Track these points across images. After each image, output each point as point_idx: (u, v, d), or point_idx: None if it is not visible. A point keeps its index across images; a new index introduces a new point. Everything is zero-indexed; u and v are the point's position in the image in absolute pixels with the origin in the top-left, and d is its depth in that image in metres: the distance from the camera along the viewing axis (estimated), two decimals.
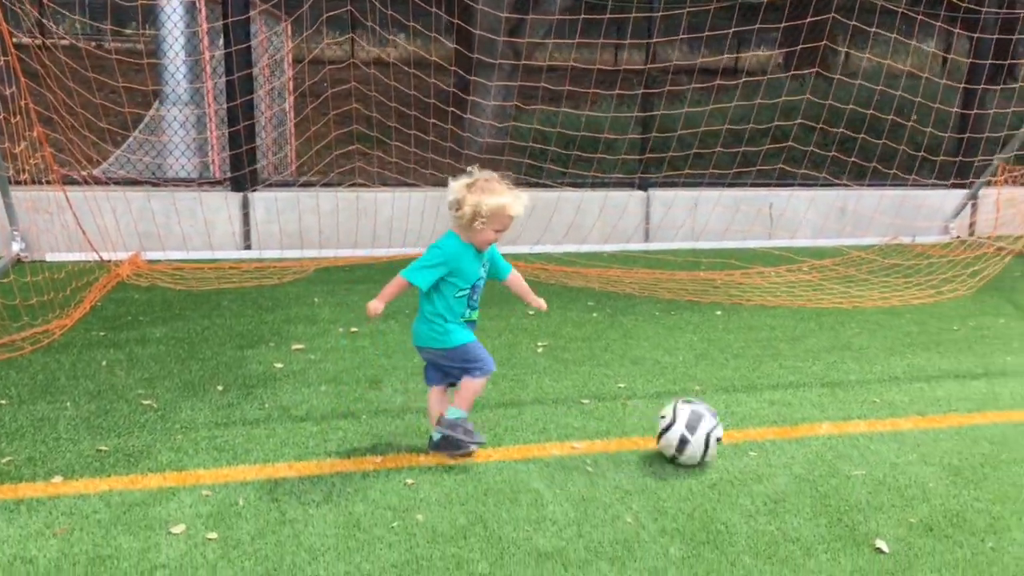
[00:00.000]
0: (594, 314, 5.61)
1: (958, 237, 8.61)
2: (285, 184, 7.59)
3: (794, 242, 8.20)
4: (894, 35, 8.33)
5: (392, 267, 6.63)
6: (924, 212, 8.63)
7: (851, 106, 8.28)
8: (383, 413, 3.89)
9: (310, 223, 7.32)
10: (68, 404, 3.86)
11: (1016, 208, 8.71)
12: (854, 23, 7.95)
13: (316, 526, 2.90)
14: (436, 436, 3.45)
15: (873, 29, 7.99)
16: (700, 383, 4.40)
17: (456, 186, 3.28)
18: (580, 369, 4.56)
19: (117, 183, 7.10)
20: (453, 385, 3.48)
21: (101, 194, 6.78)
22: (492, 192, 3.25)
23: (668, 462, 3.44)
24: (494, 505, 3.09)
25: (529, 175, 7.98)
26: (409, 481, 3.24)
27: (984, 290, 6.45)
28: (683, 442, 3.36)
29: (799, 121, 8.37)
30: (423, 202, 7.51)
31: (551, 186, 7.94)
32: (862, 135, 8.32)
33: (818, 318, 5.64)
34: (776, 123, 8.38)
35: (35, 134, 5.86)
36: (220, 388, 4.12)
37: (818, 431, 3.84)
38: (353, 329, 5.12)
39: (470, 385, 3.41)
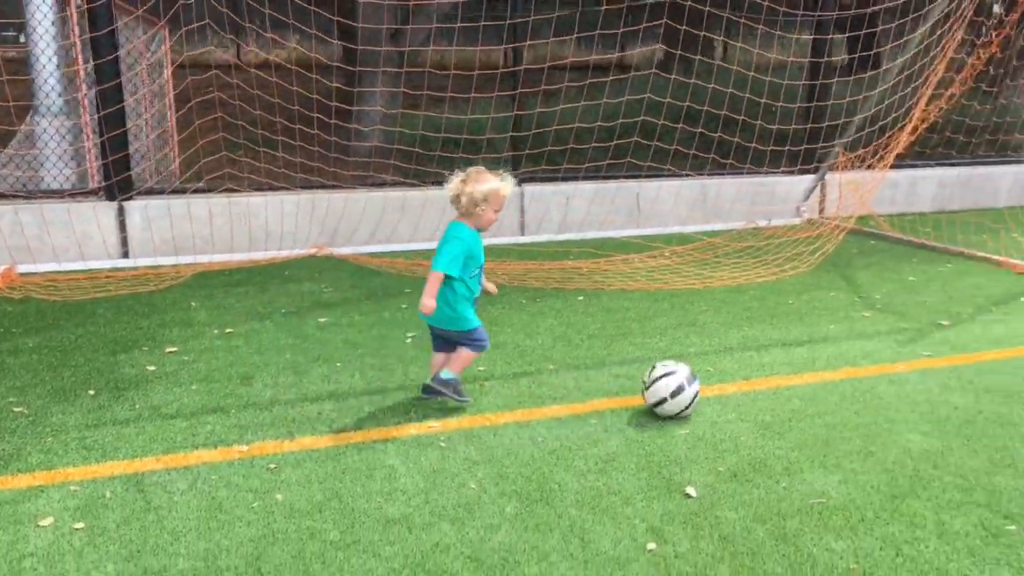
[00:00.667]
0: None
1: (808, 219, 9.30)
2: (160, 191, 7.64)
3: (662, 230, 8.73)
4: (761, 27, 8.93)
5: (270, 270, 6.90)
6: (778, 197, 9.30)
7: (706, 107, 8.85)
8: (252, 407, 4.11)
9: (187, 229, 7.41)
10: None
11: (857, 190, 9.47)
12: (727, 14, 8.49)
13: (179, 511, 3.13)
14: (431, 383, 4.08)
15: (743, 18, 8.56)
16: (555, 363, 4.78)
17: (452, 182, 3.87)
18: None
19: None
20: (453, 350, 4.08)
21: None
22: (483, 180, 3.83)
23: (651, 407, 3.94)
24: (350, 482, 3.37)
25: (419, 176, 8.25)
26: (272, 466, 3.49)
27: (822, 267, 7.06)
28: (680, 389, 3.88)
29: (660, 121, 8.89)
30: (296, 205, 7.69)
31: (421, 185, 8.23)
32: (718, 132, 8.91)
33: (671, 299, 6.11)
34: (644, 117, 8.88)
35: None
36: (91, 392, 4.26)
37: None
38: (228, 330, 5.30)
39: (467, 356, 4.07)
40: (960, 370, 4.67)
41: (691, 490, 3.31)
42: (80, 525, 3.02)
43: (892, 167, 9.79)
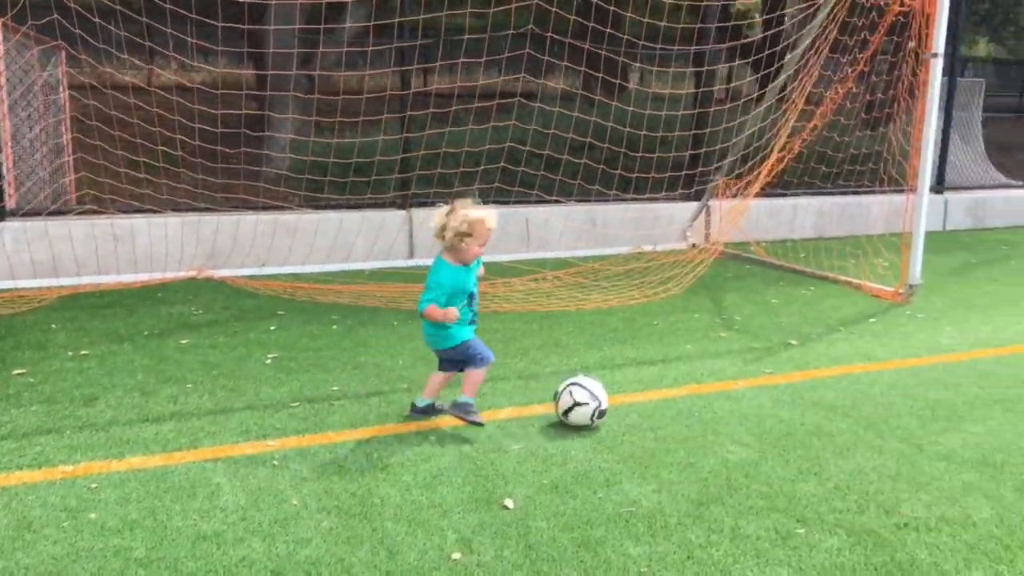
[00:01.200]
0: (334, 327, 5.97)
1: (693, 244, 9.61)
2: (35, 213, 7.49)
3: (549, 255, 8.91)
4: (647, 65, 9.24)
5: (144, 292, 6.82)
6: (663, 222, 9.59)
7: (589, 138, 9.10)
8: (88, 428, 4.07)
9: (66, 251, 7.28)
10: None
11: (734, 216, 9.84)
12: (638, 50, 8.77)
13: None
14: (420, 404, 4.24)
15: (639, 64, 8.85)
16: (410, 383, 4.84)
17: (438, 215, 3.86)
18: (302, 376, 4.90)
19: None
20: (461, 371, 4.15)
21: None
22: (467, 214, 3.80)
23: (561, 415, 4.14)
24: (170, 500, 3.37)
25: (326, 199, 8.27)
26: (93, 486, 3.46)
27: (695, 290, 7.32)
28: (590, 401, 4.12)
29: (545, 152, 9.10)
30: (180, 227, 7.63)
31: (314, 209, 8.26)
32: (601, 164, 9.16)
33: (541, 320, 6.26)
34: (529, 147, 9.08)
35: None
36: None
37: (499, 415, 4.36)
38: (83, 352, 5.23)
39: (473, 374, 4.09)
40: (796, 386, 4.90)
41: (509, 502, 3.42)
42: None
43: (776, 195, 10.24)
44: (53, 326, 5.80)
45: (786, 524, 3.29)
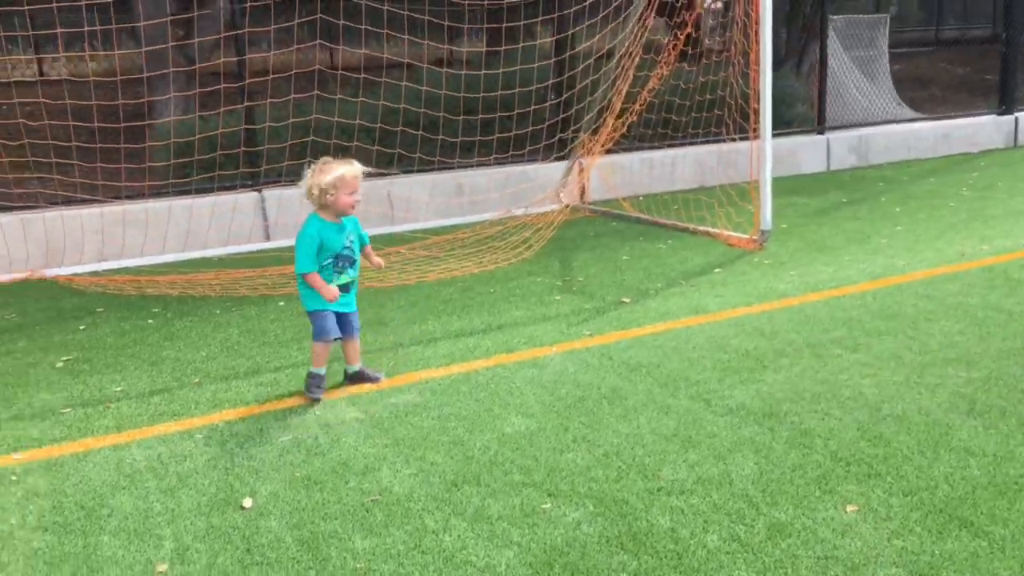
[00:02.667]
0: (150, 320, 5.67)
1: (568, 204, 9.43)
2: None
3: (415, 226, 8.65)
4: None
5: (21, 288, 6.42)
6: (537, 184, 9.38)
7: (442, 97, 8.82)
8: None
9: None
10: None
11: (611, 173, 9.68)
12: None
13: None
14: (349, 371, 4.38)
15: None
16: (203, 375, 4.59)
17: (304, 178, 4.01)
18: (89, 379, 4.62)
19: None
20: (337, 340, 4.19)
21: None
22: (330, 169, 3.96)
23: None
24: None
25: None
26: None
27: (549, 252, 7.14)
28: None
29: (395, 126, 8.80)
30: (20, 226, 7.21)
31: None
32: (460, 125, 8.91)
33: (373, 297, 6.02)
34: (381, 119, 8.78)
35: None
36: None
37: (288, 404, 4.14)
38: None
39: (314, 347, 4.14)
40: (609, 348, 4.75)
41: (248, 502, 3.21)
42: None
43: (654, 148, 10.09)
44: None
45: (534, 499, 3.13)
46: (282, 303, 5.98)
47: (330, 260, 4.11)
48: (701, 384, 4.16)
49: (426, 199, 8.93)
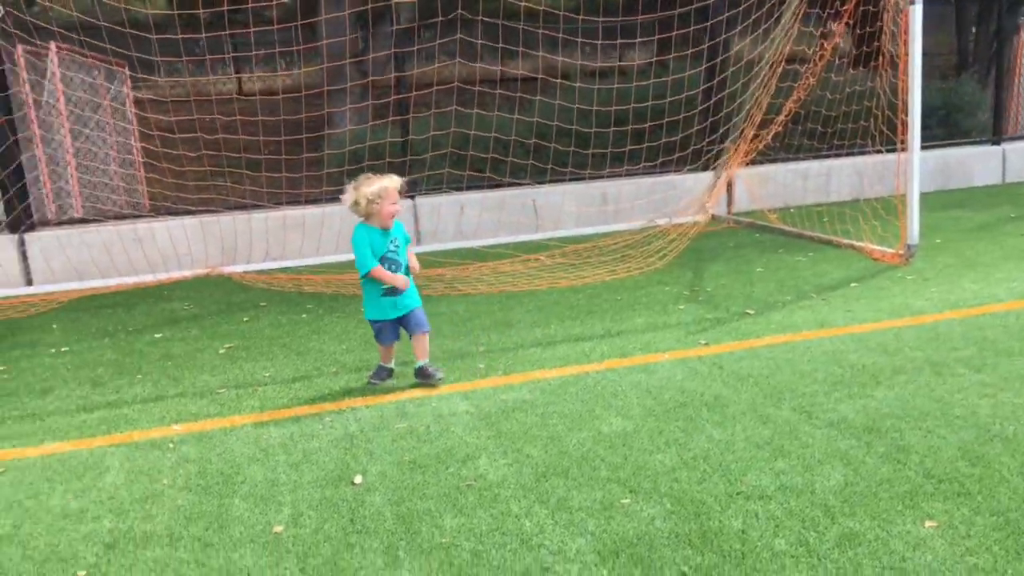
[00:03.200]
0: (304, 315, 6.24)
1: (713, 216, 9.40)
2: (62, 223, 8.12)
3: (557, 234, 8.93)
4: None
5: (153, 291, 7.29)
6: (682, 194, 9.42)
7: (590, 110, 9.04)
8: (29, 418, 4.47)
9: (86, 256, 7.86)
10: None
11: (760, 184, 9.56)
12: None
13: None
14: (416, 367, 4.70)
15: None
16: (340, 366, 5.04)
17: (347, 192, 4.43)
18: (245, 364, 5.18)
19: None
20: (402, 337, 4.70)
21: None
22: (371, 183, 4.40)
23: None
24: (59, 482, 3.69)
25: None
26: (1, 470, 3.83)
27: (685, 262, 7.21)
28: None
29: (554, 124, 9.10)
30: (199, 228, 8.10)
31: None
32: (610, 135, 9.09)
33: (505, 301, 6.33)
34: (536, 131, 9.11)
35: None
36: None
37: (409, 395, 4.51)
38: (63, 348, 5.69)
39: (378, 346, 4.71)
40: (722, 357, 4.81)
41: (359, 479, 3.56)
42: None
43: (809, 159, 9.89)
44: (54, 326, 6.32)
45: (616, 494, 3.30)
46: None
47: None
48: (807, 397, 4.16)
49: (571, 208, 9.19)
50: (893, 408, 3.95)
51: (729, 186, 9.64)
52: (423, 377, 4.65)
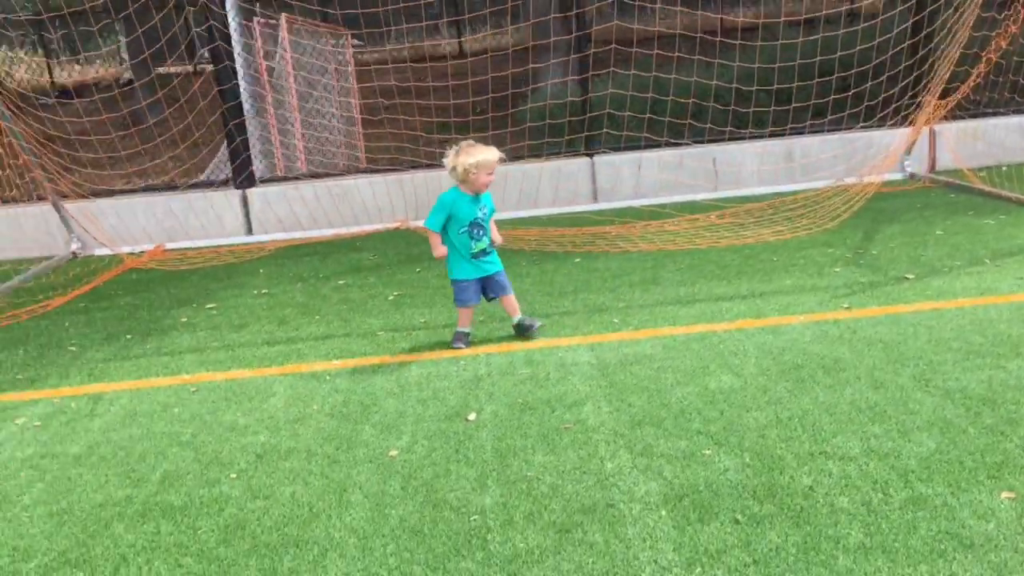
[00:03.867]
0: None
1: (912, 175, 8.85)
2: (275, 180, 9.15)
3: (737, 192, 8.81)
4: None
5: (349, 243, 8.09)
6: (877, 151, 8.94)
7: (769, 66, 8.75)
8: (240, 346, 5.27)
9: (298, 210, 8.84)
10: (21, 351, 5.53)
11: (966, 140, 8.85)
12: None
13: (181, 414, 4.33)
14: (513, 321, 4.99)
15: None
16: (490, 316, 5.44)
17: (448, 156, 4.68)
18: (408, 311, 5.74)
19: (145, 190, 8.97)
20: (490, 299, 4.96)
21: (135, 200, 8.65)
22: (473, 151, 4.63)
23: None
24: (235, 402, 4.39)
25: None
26: (193, 390, 4.60)
27: (860, 223, 6.94)
28: None
29: (732, 86, 8.94)
30: (395, 184, 8.83)
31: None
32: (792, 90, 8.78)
33: (660, 258, 6.46)
34: (734, 84, 8.98)
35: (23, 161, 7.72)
36: (128, 337, 5.67)
37: (538, 345, 4.84)
38: (264, 291, 6.55)
39: (457, 309, 4.93)
40: (861, 322, 4.71)
41: (472, 416, 3.95)
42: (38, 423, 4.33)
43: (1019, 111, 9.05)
44: (261, 271, 7.25)
45: (700, 445, 3.45)
46: (578, 260, 6.67)
47: (466, 228, 4.70)
48: (932, 365, 4.03)
49: (753, 166, 9.02)
50: (1021, 381, 3.75)
51: (932, 143, 9.01)
52: (523, 331, 4.91)
